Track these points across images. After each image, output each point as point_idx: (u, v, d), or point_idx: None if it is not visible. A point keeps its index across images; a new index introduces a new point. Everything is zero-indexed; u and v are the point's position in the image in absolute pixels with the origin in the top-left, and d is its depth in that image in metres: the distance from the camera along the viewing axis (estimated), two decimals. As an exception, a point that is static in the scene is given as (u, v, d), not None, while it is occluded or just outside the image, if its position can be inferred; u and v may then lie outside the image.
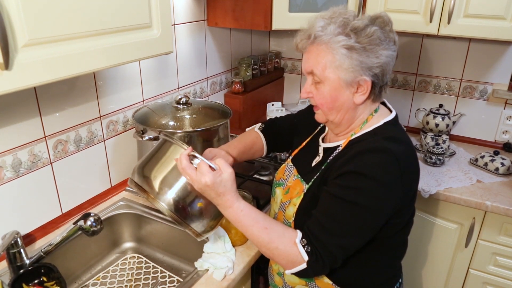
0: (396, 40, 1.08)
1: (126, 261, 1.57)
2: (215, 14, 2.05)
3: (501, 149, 2.23)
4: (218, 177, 1.02)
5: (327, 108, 1.10)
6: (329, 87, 1.06)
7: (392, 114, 1.14)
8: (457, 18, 1.79)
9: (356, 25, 1.02)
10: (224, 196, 1.04)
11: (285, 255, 1.03)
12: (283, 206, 1.21)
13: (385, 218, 1.04)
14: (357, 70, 1.03)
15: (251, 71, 2.39)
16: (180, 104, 1.59)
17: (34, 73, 0.89)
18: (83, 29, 0.98)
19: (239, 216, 1.05)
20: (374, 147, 1.03)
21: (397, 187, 1.02)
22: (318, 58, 1.05)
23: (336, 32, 1.02)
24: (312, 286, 1.19)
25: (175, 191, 1.08)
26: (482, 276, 1.91)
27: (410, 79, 2.39)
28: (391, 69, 1.08)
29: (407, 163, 1.04)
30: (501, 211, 1.72)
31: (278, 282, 1.29)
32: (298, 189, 1.18)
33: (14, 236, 1.17)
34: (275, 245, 1.03)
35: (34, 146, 1.35)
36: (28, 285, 1.17)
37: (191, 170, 1.03)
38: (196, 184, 1.03)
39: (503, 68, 2.15)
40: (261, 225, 1.04)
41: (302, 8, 1.95)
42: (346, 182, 1.02)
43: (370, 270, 1.17)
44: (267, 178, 1.86)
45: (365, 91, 1.06)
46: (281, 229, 1.05)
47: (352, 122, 1.13)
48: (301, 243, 1.02)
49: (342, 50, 1.02)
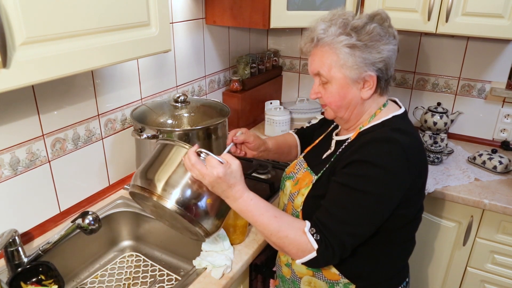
0: (395, 34, 1.12)
1: (124, 260, 1.57)
2: (213, 13, 2.05)
3: (499, 147, 2.24)
4: (228, 169, 1.04)
5: (336, 106, 1.14)
6: (337, 86, 1.11)
7: (401, 109, 1.18)
8: (455, 16, 1.79)
9: (355, 24, 1.07)
10: (235, 186, 1.05)
11: (295, 244, 1.04)
12: (292, 197, 1.23)
13: (392, 206, 1.06)
14: (361, 66, 1.07)
15: (249, 70, 2.39)
16: (178, 103, 1.59)
17: (32, 71, 0.89)
18: (81, 27, 0.98)
19: (249, 206, 1.07)
20: (381, 137, 1.06)
21: (404, 176, 1.04)
22: (323, 59, 1.10)
23: (337, 32, 1.07)
24: (319, 276, 1.20)
25: (183, 189, 1.08)
26: (480, 274, 1.91)
27: (408, 77, 2.39)
28: (393, 63, 1.12)
29: (414, 153, 1.07)
30: (499, 209, 1.73)
31: (286, 273, 1.30)
32: (307, 180, 1.20)
33: (12, 234, 1.17)
34: (285, 233, 1.04)
35: (32, 145, 1.35)
36: (26, 283, 1.16)
37: (201, 165, 1.04)
38: (207, 178, 1.04)
39: (501, 67, 2.15)
40: (270, 213, 1.06)
41: (300, 6, 1.94)
42: (353, 170, 1.05)
43: (377, 264, 1.18)
44: (265, 177, 1.87)
45: (371, 86, 1.10)
46: (290, 219, 1.08)
47: (360, 116, 1.17)
48: (310, 231, 1.04)
49: (345, 49, 1.06)
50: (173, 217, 1.17)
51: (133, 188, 1.13)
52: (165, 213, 1.17)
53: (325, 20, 1.11)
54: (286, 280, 1.32)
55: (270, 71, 2.62)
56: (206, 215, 1.11)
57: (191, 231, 1.20)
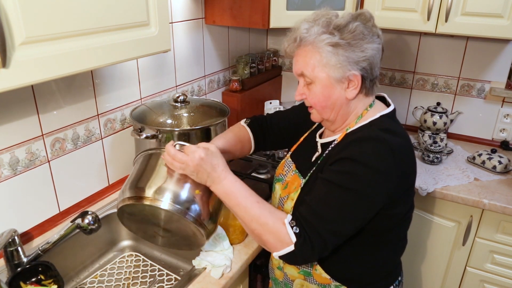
0: (379, 34, 1.11)
1: (123, 259, 1.57)
2: (213, 12, 2.05)
3: (498, 147, 2.24)
4: (208, 150, 1.06)
5: (321, 106, 1.12)
6: (321, 86, 1.09)
7: (390, 108, 1.16)
8: (454, 16, 1.79)
9: (338, 23, 1.07)
10: (218, 166, 1.07)
11: (274, 233, 1.03)
12: (282, 201, 1.22)
13: (377, 206, 1.04)
14: (345, 65, 1.06)
15: (249, 69, 2.39)
16: (178, 102, 1.59)
17: (31, 71, 0.89)
18: (81, 27, 0.98)
19: (234, 187, 1.07)
20: (369, 136, 1.05)
21: (391, 176, 1.03)
22: (306, 59, 1.09)
23: (320, 31, 1.06)
24: (310, 280, 1.19)
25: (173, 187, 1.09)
26: (479, 274, 1.92)
27: (408, 77, 2.39)
28: (378, 62, 1.11)
29: (402, 154, 1.06)
30: (499, 209, 1.73)
31: (279, 276, 1.30)
32: (296, 184, 1.19)
33: (11, 234, 1.17)
34: (265, 220, 1.04)
35: (31, 144, 1.35)
36: (26, 283, 1.16)
37: (181, 154, 1.06)
38: (190, 163, 1.05)
39: (500, 66, 2.15)
40: (254, 198, 1.07)
41: (300, 6, 1.94)
42: (339, 167, 1.04)
43: (369, 265, 1.17)
44: (264, 177, 1.87)
45: (356, 85, 1.09)
46: (272, 208, 1.08)
47: (346, 117, 1.15)
48: (290, 224, 1.03)
49: (328, 48, 1.05)
50: (167, 227, 1.17)
51: (123, 202, 1.12)
52: (158, 224, 1.17)
53: (308, 20, 1.10)
54: (278, 283, 1.31)
55: (270, 71, 2.62)
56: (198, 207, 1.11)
57: (187, 237, 1.19)
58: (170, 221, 1.13)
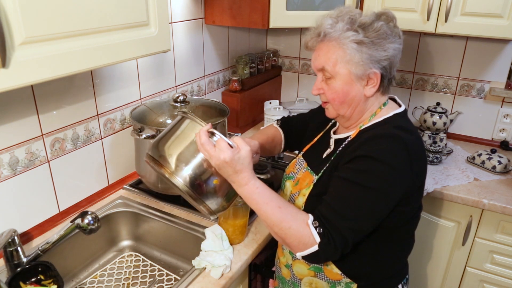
0: (400, 34, 1.14)
1: (123, 259, 1.57)
2: (213, 12, 2.05)
3: (498, 147, 2.24)
4: (236, 154, 1.03)
5: (339, 102, 1.14)
6: (341, 82, 1.11)
7: (402, 107, 1.19)
8: (454, 16, 1.79)
9: (363, 21, 1.09)
10: (241, 173, 1.05)
11: (298, 236, 1.03)
12: (293, 197, 1.23)
13: (393, 203, 1.06)
14: (367, 63, 1.07)
15: (249, 69, 2.39)
16: (177, 102, 1.59)
17: (31, 71, 0.89)
18: (81, 27, 0.98)
19: (254, 194, 1.06)
20: (384, 133, 1.07)
21: (406, 172, 1.04)
22: (329, 54, 1.10)
23: (345, 28, 1.08)
24: (321, 276, 1.19)
25: (192, 167, 1.08)
26: (479, 274, 1.92)
27: (408, 77, 2.39)
28: (397, 62, 1.14)
29: (416, 151, 1.07)
30: (498, 209, 1.73)
31: (286, 275, 1.30)
32: (308, 180, 1.20)
33: (11, 234, 1.17)
34: (288, 224, 1.04)
35: (31, 144, 1.35)
36: (26, 283, 1.16)
37: (210, 146, 1.04)
38: (214, 160, 1.03)
39: (500, 66, 2.15)
40: (275, 203, 1.06)
41: (299, 6, 1.94)
42: (356, 165, 1.05)
43: (378, 262, 1.18)
44: (264, 177, 1.86)
45: (375, 83, 1.11)
46: (294, 210, 1.08)
47: (362, 114, 1.17)
48: (313, 224, 1.03)
49: (352, 45, 1.07)
50: (180, 193, 1.17)
51: (148, 157, 1.13)
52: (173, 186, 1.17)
53: (332, 16, 1.11)
54: (286, 282, 1.31)
55: (270, 71, 2.62)
56: (211, 194, 1.11)
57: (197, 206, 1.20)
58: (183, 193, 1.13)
